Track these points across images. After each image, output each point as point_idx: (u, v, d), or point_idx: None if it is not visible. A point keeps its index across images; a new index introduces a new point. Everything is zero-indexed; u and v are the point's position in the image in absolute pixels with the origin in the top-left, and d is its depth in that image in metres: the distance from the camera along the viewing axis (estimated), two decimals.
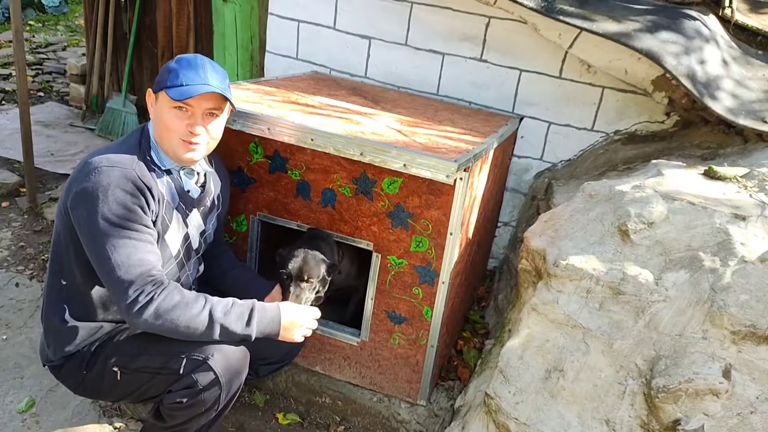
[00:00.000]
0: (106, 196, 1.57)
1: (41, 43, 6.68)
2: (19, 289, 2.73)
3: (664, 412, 1.53)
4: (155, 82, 1.70)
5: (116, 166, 1.60)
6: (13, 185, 3.55)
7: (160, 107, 1.68)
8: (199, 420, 1.73)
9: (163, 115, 1.67)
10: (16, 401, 2.13)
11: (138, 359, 1.71)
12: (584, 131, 2.78)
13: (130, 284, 1.56)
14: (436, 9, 2.83)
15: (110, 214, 1.57)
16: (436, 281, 1.99)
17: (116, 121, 4.46)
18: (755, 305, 1.58)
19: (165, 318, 1.58)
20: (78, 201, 1.59)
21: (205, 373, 1.65)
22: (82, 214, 1.58)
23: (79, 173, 1.62)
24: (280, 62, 3.24)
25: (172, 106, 1.65)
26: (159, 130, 1.70)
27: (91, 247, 1.60)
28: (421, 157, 1.74)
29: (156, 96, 1.69)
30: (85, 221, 1.58)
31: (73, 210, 1.60)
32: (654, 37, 2.31)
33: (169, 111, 1.65)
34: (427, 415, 2.16)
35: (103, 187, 1.57)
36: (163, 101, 1.66)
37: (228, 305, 1.66)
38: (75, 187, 1.60)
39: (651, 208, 1.81)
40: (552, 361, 1.72)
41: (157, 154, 1.71)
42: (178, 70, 1.65)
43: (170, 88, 1.63)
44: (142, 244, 1.61)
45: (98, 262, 1.59)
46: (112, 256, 1.57)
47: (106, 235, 1.57)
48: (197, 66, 1.66)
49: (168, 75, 1.65)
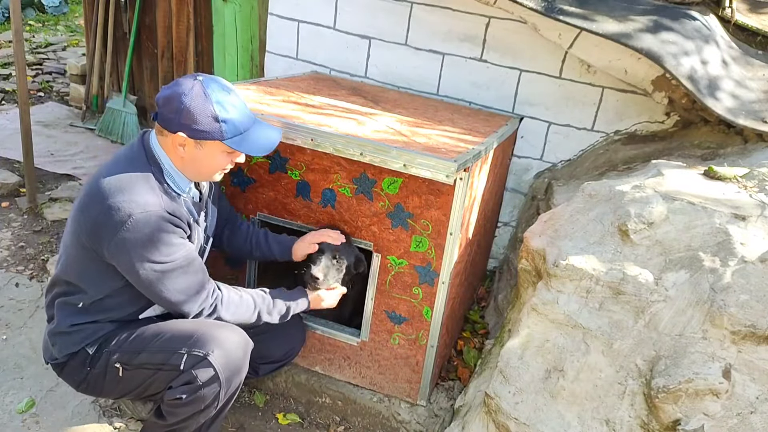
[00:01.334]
0: (152, 243, 1.60)
1: (41, 43, 6.68)
2: (19, 289, 2.73)
3: (664, 412, 1.53)
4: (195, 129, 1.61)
5: (149, 210, 1.59)
6: (13, 185, 3.55)
7: (209, 154, 1.66)
8: (198, 417, 1.74)
9: (213, 160, 1.68)
10: (16, 401, 2.13)
11: (140, 355, 1.73)
12: (584, 131, 2.78)
13: (192, 304, 1.72)
14: (436, 9, 2.83)
15: (159, 258, 1.62)
16: (436, 281, 1.99)
17: (116, 121, 4.46)
18: (755, 305, 1.58)
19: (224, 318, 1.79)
20: (119, 250, 1.60)
21: (205, 369, 1.67)
22: (128, 261, 1.61)
23: (107, 219, 1.58)
24: (280, 62, 3.24)
25: (227, 152, 1.68)
26: (196, 168, 1.70)
27: (147, 288, 1.67)
28: (421, 157, 1.74)
29: (198, 143, 1.64)
30: (133, 267, 1.62)
31: (116, 257, 1.62)
32: (654, 37, 2.31)
33: (222, 156, 1.69)
34: (427, 415, 2.16)
35: (146, 235, 1.59)
36: (217, 149, 1.66)
37: (270, 304, 1.89)
38: (109, 236, 1.58)
39: (651, 208, 1.81)
40: (552, 361, 1.72)
41: (173, 180, 1.70)
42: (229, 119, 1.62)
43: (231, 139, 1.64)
44: (192, 266, 1.70)
45: (155, 296, 1.70)
46: (170, 288, 1.67)
47: (161, 275, 1.64)
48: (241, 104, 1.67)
49: (220, 125, 1.61)
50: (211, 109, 1.60)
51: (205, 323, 1.76)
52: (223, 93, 1.62)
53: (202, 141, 1.63)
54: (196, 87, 1.60)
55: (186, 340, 1.69)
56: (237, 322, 1.82)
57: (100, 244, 1.61)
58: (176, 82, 1.64)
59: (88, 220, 1.62)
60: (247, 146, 1.67)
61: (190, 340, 1.69)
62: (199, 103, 1.59)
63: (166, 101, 1.61)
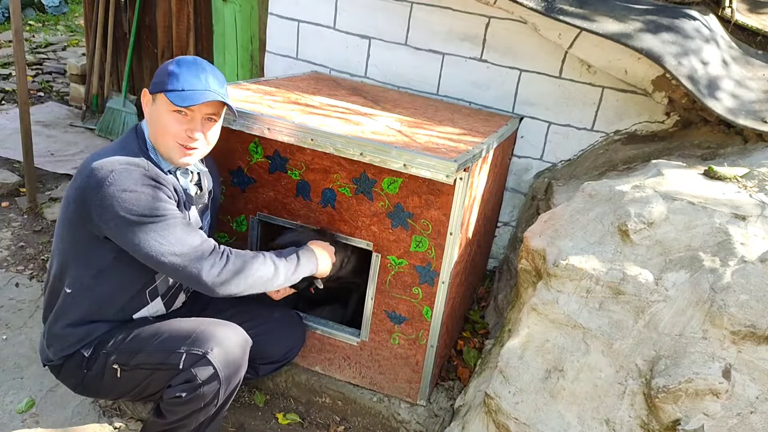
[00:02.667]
0: (136, 193, 1.57)
1: (41, 43, 6.68)
2: (19, 289, 2.73)
3: (664, 412, 1.53)
4: (153, 82, 1.68)
5: (131, 167, 1.59)
6: (13, 185, 3.55)
7: (158, 109, 1.66)
8: (198, 416, 1.74)
9: (161, 117, 1.65)
10: (16, 401, 2.13)
11: (137, 356, 1.72)
12: (584, 131, 2.78)
13: (200, 255, 1.63)
14: (436, 9, 2.83)
15: (148, 207, 1.57)
16: (436, 281, 1.99)
17: (116, 121, 4.46)
18: (755, 305, 1.58)
19: (243, 273, 1.68)
20: (106, 207, 1.56)
21: (205, 367, 1.66)
22: (118, 216, 1.56)
23: (90, 180, 1.58)
24: (280, 62, 3.24)
25: (172, 110, 1.64)
26: (156, 132, 1.68)
27: (141, 243, 1.59)
28: (420, 157, 1.74)
29: (153, 97, 1.67)
30: (123, 222, 1.57)
31: (102, 216, 1.57)
32: (654, 37, 2.31)
33: (168, 114, 1.65)
34: (427, 415, 2.16)
35: (129, 186, 1.56)
36: (162, 104, 1.65)
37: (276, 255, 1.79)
38: (94, 196, 1.57)
39: (651, 208, 1.81)
40: (552, 361, 1.72)
41: (156, 157, 1.71)
42: (178, 73, 1.63)
43: (171, 92, 1.62)
44: (185, 220, 1.66)
45: (154, 252, 1.59)
46: (169, 239, 1.59)
47: (153, 225, 1.58)
48: (198, 70, 1.66)
49: (168, 78, 1.63)
50: (167, 66, 1.66)
51: (203, 322, 1.76)
52: (190, 59, 1.68)
53: (155, 95, 1.66)
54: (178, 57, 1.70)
55: (185, 339, 1.69)
56: (258, 273, 1.71)
57: (88, 210, 1.58)
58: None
59: (73, 191, 1.63)
60: (178, 99, 1.61)
61: (188, 339, 1.68)
62: (165, 63, 1.69)
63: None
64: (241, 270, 1.68)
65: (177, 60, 1.68)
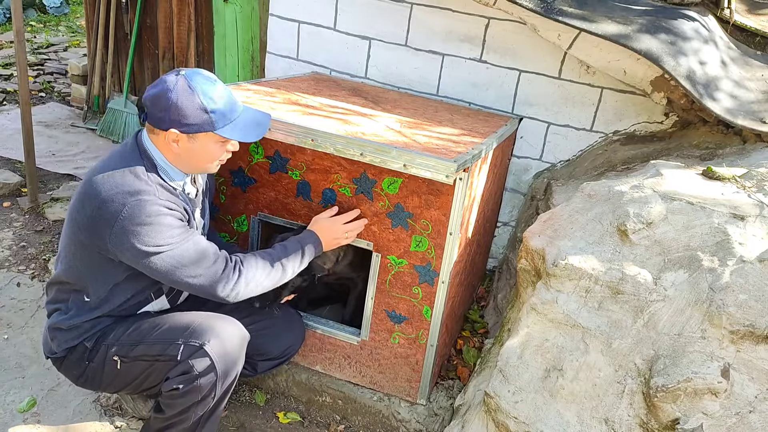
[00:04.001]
0: (151, 227, 1.59)
1: (42, 43, 6.69)
2: (20, 288, 2.74)
3: (662, 411, 1.54)
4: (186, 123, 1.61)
5: (142, 198, 1.60)
6: (15, 185, 3.56)
7: (203, 146, 1.66)
8: (196, 409, 1.75)
9: (207, 151, 1.68)
10: (17, 401, 2.14)
11: (137, 347, 1.74)
12: (583, 131, 2.79)
13: (214, 274, 1.68)
14: (436, 10, 2.83)
15: (162, 240, 1.61)
16: (436, 281, 2.00)
17: (117, 122, 4.47)
18: (754, 305, 1.58)
19: (254, 282, 1.75)
20: (121, 240, 1.59)
21: (201, 358, 1.68)
22: (132, 248, 1.60)
23: (103, 213, 1.59)
24: (280, 63, 3.25)
25: (221, 141, 1.67)
26: (190, 161, 1.70)
27: (157, 272, 1.65)
28: (420, 158, 1.75)
29: (190, 137, 1.64)
30: (139, 254, 1.61)
31: (118, 248, 1.61)
32: (653, 37, 2.32)
33: (216, 146, 1.68)
34: (427, 414, 2.17)
35: (144, 220, 1.58)
36: (210, 140, 1.66)
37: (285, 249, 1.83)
38: (108, 229, 1.58)
39: (650, 208, 1.81)
40: (551, 360, 1.72)
41: (167, 175, 1.71)
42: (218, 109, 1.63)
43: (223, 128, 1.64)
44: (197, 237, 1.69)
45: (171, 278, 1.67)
46: (183, 267, 1.64)
47: (168, 256, 1.62)
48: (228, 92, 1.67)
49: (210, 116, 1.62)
50: (199, 102, 1.61)
51: (201, 315, 1.78)
52: (208, 84, 1.64)
53: (195, 134, 1.64)
54: (180, 82, 1.61)
55: (183, 330, 1.71)
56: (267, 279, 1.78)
57: (101, 239, 1.61)
58: (160, 79, 1.64)
59: (84, 218, 1.63)
60: (239, 133, 1.67)
61: (186, 331, 1.71)
62: (186, 98, 1.60)
63: (153, 100, 1.62)
64: (252, 280, 1.75)
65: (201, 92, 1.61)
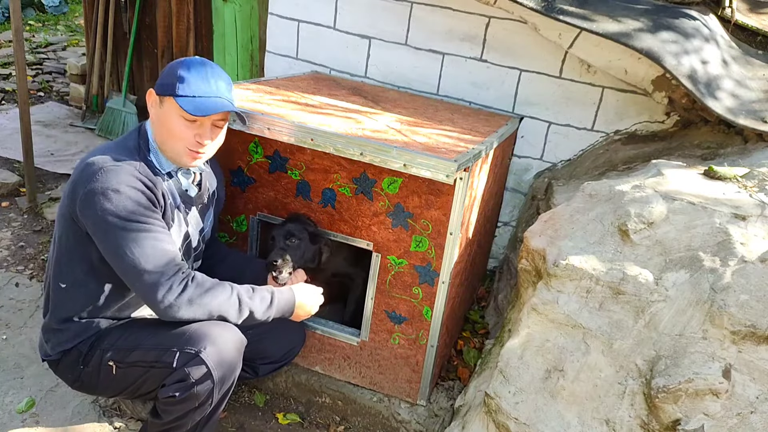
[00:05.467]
0: (118, 194, 1.57)
1: (41, 42, 6.68)
2: (19, 289, 2.73)
3: (664, 412, 1.53)
4: (160, 83, 1.66)
5: (122, 166, 1.60)
6: (13, 185, 3.55)
7: (166, 113, 1.65)
8: (193, 415, 1.73)
9: (170, 122, 1.65)
10: (16, 401, 2.13)
11: (133, 353, 1.72)
12: (584, 131, 2.78)
13: (160, 275, 1.59)
14: (436, 9, 2.83)
15: (125, 212, 1.57)
16: (436, 281, 1.99)
17: (116, 121, 4.46)
18: (755, 305, 1.58)
19: (199, 303, 1.64)
20: (88, 203, 1.57)
21: (198, 366, 1.65)
22: (95, 215, 1.57)
23: (81, 175, 1.60)
24: (280, 62, 3.24)
25: (182, 116, 1.64)
26: (162, 135, 1.68)
27: (110, 247, 1.59)
28: (421, 157, 1.74)
29: (161, 99, 1.66)
30: (99, 221, 1.57)
31: (83, 212, 1.59)
32: (654, 37, 2.31)
33: (177, 119, 1.64)
34: (427, 415, 2.16)
35: (114, 185, 1.57)
36: (172, 108, 1.63)
37: (250, 290, 1.74)
38: (81, 190, 1.58)
39: (651, 208, 1.81)
40: (552, 361, 1.72)
41: (156, 158, 1.70)
42: (188, 78, 1.62)
43: (182, 97, 1.61)
44: (162, 235, 1.63)
45: (119, 260, 1.59)
46: (135, 251, 1.57)
47: (125, 233, 1.57)
48: (208, 75, 1.65)
49: (177, 82, 1.62)
50: (177, 69, 1.65)
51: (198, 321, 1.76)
52: (199, 62, 1.67)
53: (162, 97, 1.65)
54: (185, 59, 1.68)
55: (179, 337, 1.68)
56: (215, 306, 1.66)
57: (74, 203, 1.60)
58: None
59: (68, 187, 1.65)
60: (191, 107, 1.61)
61: (182, 338, 1.67)
62: (173, 64, 1.67)
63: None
64: (198, 299, 1.64)
65: (186, 62, 1.66)
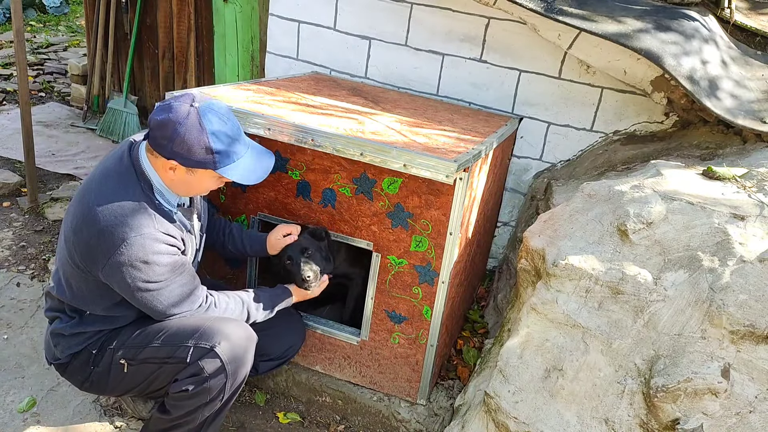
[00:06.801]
0: (148, 265, 1.60)
1: (42, 43, 6.69)
2: (20, 288, 2.74)
3: (663, 411, 1.54)
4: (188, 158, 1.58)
5: (143, 233, 1.59)
6: (15, 185, 3.56)
7: (200, 179, 1.66)
8: (204, 410, 1.75)
9: (203, 184, 1.69)
10: (17, 401, 2.14)
11: (145, 350, 1.74)
12: (583, 131, 2.79)
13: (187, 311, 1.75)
14: (436, 10, 2.83)
15: (156, 276, 1.63)
16: (436, 281, 2.00)
17: (117, 122, 4.47)
18: (754, 305, 1.58)
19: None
20: (114, 272, 1.60)
21: (212, 360, 1.69)
22: (124, 281, 1.62)
23: (100, 242, 1.58)
24: (280, 63, 3.25)
25: (218, 177, 1.67)
26: (185, 188, 1.70)
27: (140, 302, 1.68)
28: (420, 158, 1.75)
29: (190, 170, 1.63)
30: (130, 287, 1.63)
31: (109, 278, 1.63)
32: (653, 37, 2.32)
33: (212, 179, 1.68)
34: (427, 414, 2.17)
35: (142, 257, 1.59)
36: (208, 176, 1.66)
37: (257, 301, 1.91)
38: (103, 260, 1.59)
39: (650, 208, 1.81)
40: (551, 360, 1.72)
41: (163, 197, 1.70)
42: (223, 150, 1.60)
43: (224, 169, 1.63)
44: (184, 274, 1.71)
45: (149, 309, 1.71)
46: (165, 302, 1.69)
47: (156, 292, 1.66)
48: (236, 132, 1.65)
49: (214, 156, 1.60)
50: (206, 141, 1.57)
51: (209, 318, 1.78)
52: (220, 123, 1.60)
53: (194, 168, 1.62)
54: (191, 116, 1.56)
55: (192, 333, 1.72)
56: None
57: (95, 267, 1.62)
58: (171, 105, 1.57)
59: (81, 243, 1.62)
60: (238, 175, 1.66)
61: (196, 333, 1.71)
62: (194, 135, 1.55)
63: (159, 126, 1.56)
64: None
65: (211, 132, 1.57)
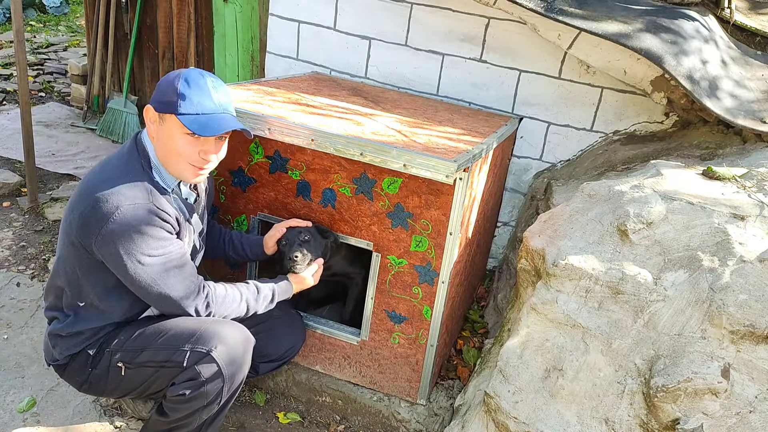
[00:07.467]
0: (141, 235, 1.59)
1: (42, 43, 6.69)
2: (20, 288, 2.74)
3: (663, 411, 1.54)
4: (159, 101, 1.63)
5: (138, 203, 1.59)
6: (15, 185, 3.56)
7: (168, 131, 1.63)
8: (201, 414, 1.75)
9: (173, 140, 1.64)
10: (17, 401, 2.14)
11: (142, 354, 1.74)
12: (583, 131, 2.79)
13: (185, 299, 1.72)
14: (436, 10, 2.83)
15: (149, 249, 1.61)
16: (436, 281, 2.00)
17: (117, 122, 4.47)
18: (754, 305, 1.58)
19: (217, 313, 1.80)
20: (107, 242, 1.59)
21: (209, 364, 1.68)
22: (117, 254, 1.59)
23: (94, 211, 1.58)
24: (280, 63, 3.25)
25: (186, 133, 1.63)
26: (165, 153, 1.67)
27: (134, 282, 1.65)
28: (420, 158, 1.75)
29: (160, 116, 1.64)
30: (122, 260, 1.60)
31: (101, 250, 1.61)
32: (653, 37, 2.32)
33: (181, 137, 1.64)
34: (427, 414, 2.17)
35: (134, 227, 1.58)
36: (174, 126, 1.62)
37: (256, 291, 1.89)
38: (96, 228, 1.58)
39: (650, 208, 1.81)
40: (551, 360, 1.72)
41: (160, 175, 1.70)
42: (189, 95, 1.60)
43: (185, 115, 1.60)
44: (182, 259, 1.70)
45: (144, 291, 1.67)
46: (161, 283, 1.66)
47: (149, 268, 1.63)
48: (208, 89, 1.64)
49: (178, 99, 1.60)
50: (176, 85, 1.62)
51: (206, 320, 1.78)
52: (197, 76, 1.64)
53: (163, 114, 1.63)
54: (181, 71, 1.66)
55: (189, 337, 1.70)
56: (229, 315, 1.82)
57: (89, 238, 1.60)
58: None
59: (77, 216, 1.62)
60: (196, 126, 1.61)
61: (192, 337, 1.70)
62: (170, 79, 1.64)
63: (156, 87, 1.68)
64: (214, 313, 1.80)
65: (184, 76, 1.63)
